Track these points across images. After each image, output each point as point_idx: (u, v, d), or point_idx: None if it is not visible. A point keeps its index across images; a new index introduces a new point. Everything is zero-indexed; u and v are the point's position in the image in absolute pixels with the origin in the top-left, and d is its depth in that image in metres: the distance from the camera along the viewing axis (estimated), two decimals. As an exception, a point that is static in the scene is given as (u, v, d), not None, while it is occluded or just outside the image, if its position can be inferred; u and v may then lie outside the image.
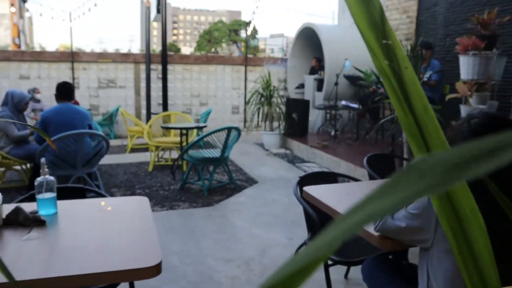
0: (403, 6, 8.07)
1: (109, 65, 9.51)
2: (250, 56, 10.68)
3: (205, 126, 5.79)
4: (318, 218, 2.15)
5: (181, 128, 5.58)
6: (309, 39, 9.42)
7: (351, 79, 7.34)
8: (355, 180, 2.76)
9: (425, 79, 5.75)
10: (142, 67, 9.60)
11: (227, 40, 37.94)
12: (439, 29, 7.31)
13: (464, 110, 4.78)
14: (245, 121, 7.43)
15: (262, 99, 7.36)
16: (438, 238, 1.32)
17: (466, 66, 4.69)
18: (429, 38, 7.51)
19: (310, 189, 2.19)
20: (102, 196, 2.36)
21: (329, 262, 2.21)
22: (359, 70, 6.57)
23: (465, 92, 4.77)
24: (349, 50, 8.25)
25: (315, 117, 8.21)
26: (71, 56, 9.30)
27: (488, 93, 4.93)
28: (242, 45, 41.69)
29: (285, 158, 6.89)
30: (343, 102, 7.99)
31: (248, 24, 10.40)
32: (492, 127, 1.37)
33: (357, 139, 6.97)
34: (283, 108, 7.62)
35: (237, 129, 4.89)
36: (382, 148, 6.04)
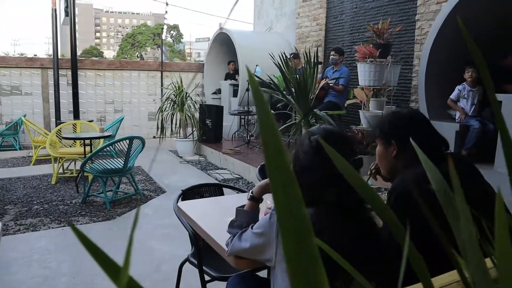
0: (313, 14, 8.31)
1: (12, 70, 8.89)
2: (166, 61, 10.49)
3: (109, 136, 5.56)
4: (194, 232, 2.11)
5: (82, 139, 5.32)
6: (225, 44, 9.43)
7: (262, 85, 7.42)
8: (242, 191, 2.74)
9: (331, 84, 5.95)
10: (51, 72, 9.07)
11: (151, 44, 37.12)
12: (346, 36, 7.61)
13: (362, 115, 4.99)
14: (157, 128, 7.23)
15: (175, 105, 7.24)
16: (279, 258, 1.33)
17: (363, 73, 4.91)
18: (337, 45, 7.81)
19: (185, 204, 2.15)
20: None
21: (207, 278, 2.17)
22: (270, 78, 6.65)
23: (363, 98, 4.99)
24: (263, 55, 8.35)
25: (231, 123, 8.21)
26: (-32, 61, 8.59)
27: (384, 99, 5.18)
28: (168, 49, 41.05)
29: (198, 165, 6.82)
30: (258, 108, 8.07)
31: (162, 27, 10.20)
32: (330, 142, 1.39)
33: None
34: (197, 114, 7.55)
35: (140, 138, 4.75)
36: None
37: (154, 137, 8.94)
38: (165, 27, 9.81)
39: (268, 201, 1.82)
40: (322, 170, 1.32)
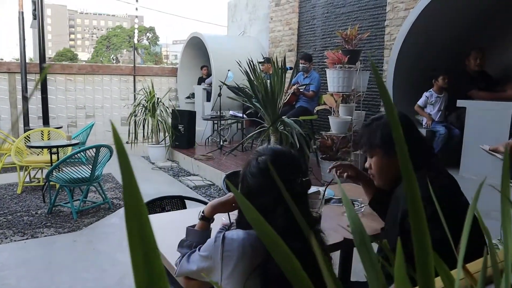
0: (285, 18, 8.33)
1: (-23, 76, 8.64)
2: (139, 66, 10.36)
3: (77, 143, 5.44)
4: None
5: (48, 147, 5.19)
6: (198, 48, 9.37)
7: (235, 90, 7.39)
8: (205, 203, 2.69)
9: (301, 90, 5.96)
10: (18, 77, 8.84)
11: (126, 46, 36.67)
12: (318, 41, 7.65)
13: (332, 121, 5.01)
14: (129, 133, 7.12)
15: (146, 111, 7.14)
16: (224, 283, 1.30)
17: (332, 80, 4.93)
18: (309, 49, 7.84)
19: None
20: None
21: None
22: (243, 84, 6.62)
23: (332, 104, 5.01)
24: (237, 59, 8.32)
25: (204, 128, 8.16)
26: None
27: (354, 105, 5.22)
28: (144, 51, 40.60)
29: (171, 171, 6.74)
30: (231, 112, 8.04)
31: (133, 31, 10.06)
32: (278, 164, 1.38)
33: (243, 150, 7.04)
34: (170, 119, 7.47)
35: (108, 147, 4.66)
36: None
37: (127, 142, 8.82)
38: (136, 31, 9.69)
39: (223, 218, 1.79)
40: (270, 192, 1.30)
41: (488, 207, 4.07)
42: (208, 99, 8.84)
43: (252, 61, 4.12)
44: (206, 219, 1.57)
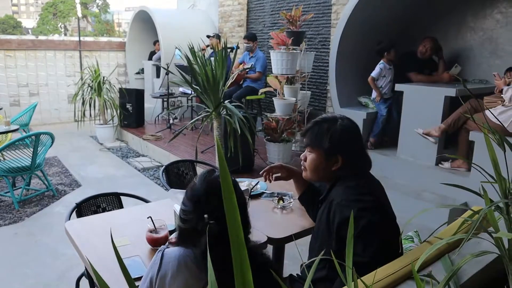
0: (234, -8, 8.20)
1: None
2: (86, 39, 9.94)
3: (16, 129, 5.25)
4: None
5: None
6: (148, 22, 9.07)
7: (183, 68, 7.27)
8: (144, 200, 2.68)
9: (247, 70, 5.95)
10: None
11: (74, 14, 34.89)
12: (267, 17, 7.60)
13: (276, 103, 5.06)
14: (74, 114, 6.91)
15: (92, 90, 6.94)
16: None
17: (276, 62, 4.95)
18: (259, 25, 7.80)
19: (74, 225, 2.09)
20: None
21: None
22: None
23: (277, 86, 5.05)
24: (186, 35, 8.16)
25: (154, 105, 8.03)
26: None
27: (298, 85, 5.28)
28: (95, 19, 38.82)
29: (119, 152, 6.65)
30: (181, 89, 7.94)
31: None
32: (212, 196, 1.37)
33: (192, 129, 7.02)
34: (117, 98, 7.29)
35: (49, 134, 4.53)
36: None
37: (75, 120, 8.57)
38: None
39: (148, 224, 1.83)
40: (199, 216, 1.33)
41: (420, 187, 4.30)
42: (158, 75, 8.68)
43: (193, 46, 4.06)
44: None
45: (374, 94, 4.95)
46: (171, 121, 7.32)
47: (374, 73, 4.85)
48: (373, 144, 4.92)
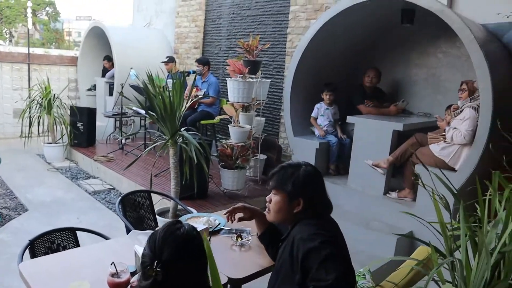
0: (192, 15, 8.27)
1: None
2: (35, 52, 9.62)
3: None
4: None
5: None
6: (101, 37, 8.92)
7: (138, 89, 7.21)
8: (103, 237, 2.62)
9: (200, 96, 5.99)
10: None
11: (22, 20, 33.58)
12: (223, 41, 7.71)
13: (232, 130, 5.14)
14: (21, 131, 6.65)
15: (42, 108, 6.72)
16: None
17: (233, 90, 5.04)
18: (215, 48, 7.89)
19: (28, 266, 2.04)
20: None
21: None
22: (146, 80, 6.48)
23: (232, 113, 5.14)
24: (141, 53, 8.12)
25: (106, 123, 7.88)
26: None
27: (253, 113, 5.39)
28: (44, 27, 37.46)
29: (68, 172, 6.45)
30: (135, 108, 7.84)
31: (26, 14, 9.33)
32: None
33: (145, 148, 6.93)
34: (67, 116, 7.10)
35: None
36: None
37: (21, 136, 8.24)
38: (29, 9, 8.79)
39: (110, 268, 1.82)
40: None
41: (369, 217, 4.49)
42: (111, 93, 8.53)
43: (151, 73, 4.07)
44: None
45: (316, 131, 5.17)
46: (123, 141, 7.20)
47: (312, 113, 5.19)
48: (334, 170, 5.10)
